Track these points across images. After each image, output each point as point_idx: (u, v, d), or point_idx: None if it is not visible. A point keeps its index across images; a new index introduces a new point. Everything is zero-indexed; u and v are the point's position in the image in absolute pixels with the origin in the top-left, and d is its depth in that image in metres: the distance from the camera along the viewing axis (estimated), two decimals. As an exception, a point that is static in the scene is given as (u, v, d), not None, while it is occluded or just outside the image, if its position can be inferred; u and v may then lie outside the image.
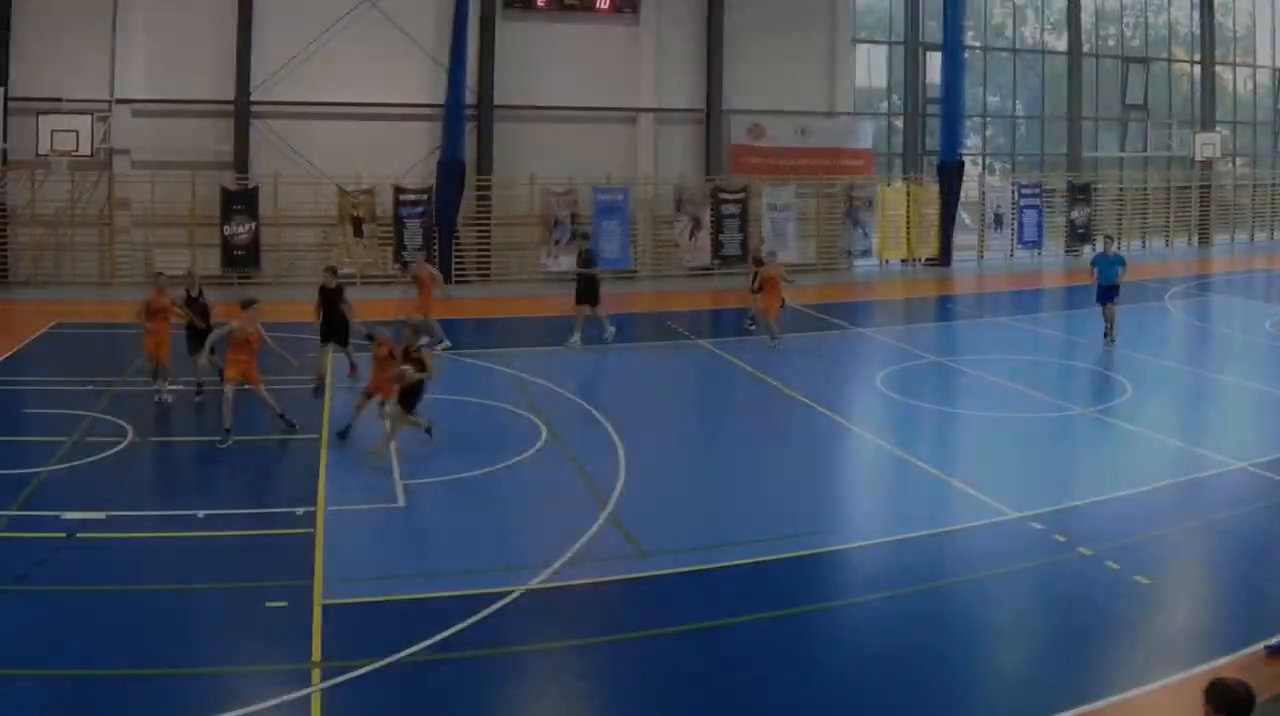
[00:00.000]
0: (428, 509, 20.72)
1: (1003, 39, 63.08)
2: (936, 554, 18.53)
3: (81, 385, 27.97)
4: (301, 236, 47.86)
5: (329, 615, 15.71)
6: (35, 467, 22.10)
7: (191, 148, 47.03)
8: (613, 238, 49.88)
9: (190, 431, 25.46)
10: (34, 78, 45.32)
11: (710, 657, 14.82)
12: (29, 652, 14.50)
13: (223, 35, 47.16)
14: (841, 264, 55.49)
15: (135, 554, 18.27)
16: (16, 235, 46.59)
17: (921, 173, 58.85)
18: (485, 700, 13.84)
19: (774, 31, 54.01)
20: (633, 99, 52.38)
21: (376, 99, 48.84)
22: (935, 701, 13.73)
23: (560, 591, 16.85)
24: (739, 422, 27.60)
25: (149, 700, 13.62)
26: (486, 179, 50.05)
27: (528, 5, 50.72)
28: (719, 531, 19.50)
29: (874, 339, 37.99)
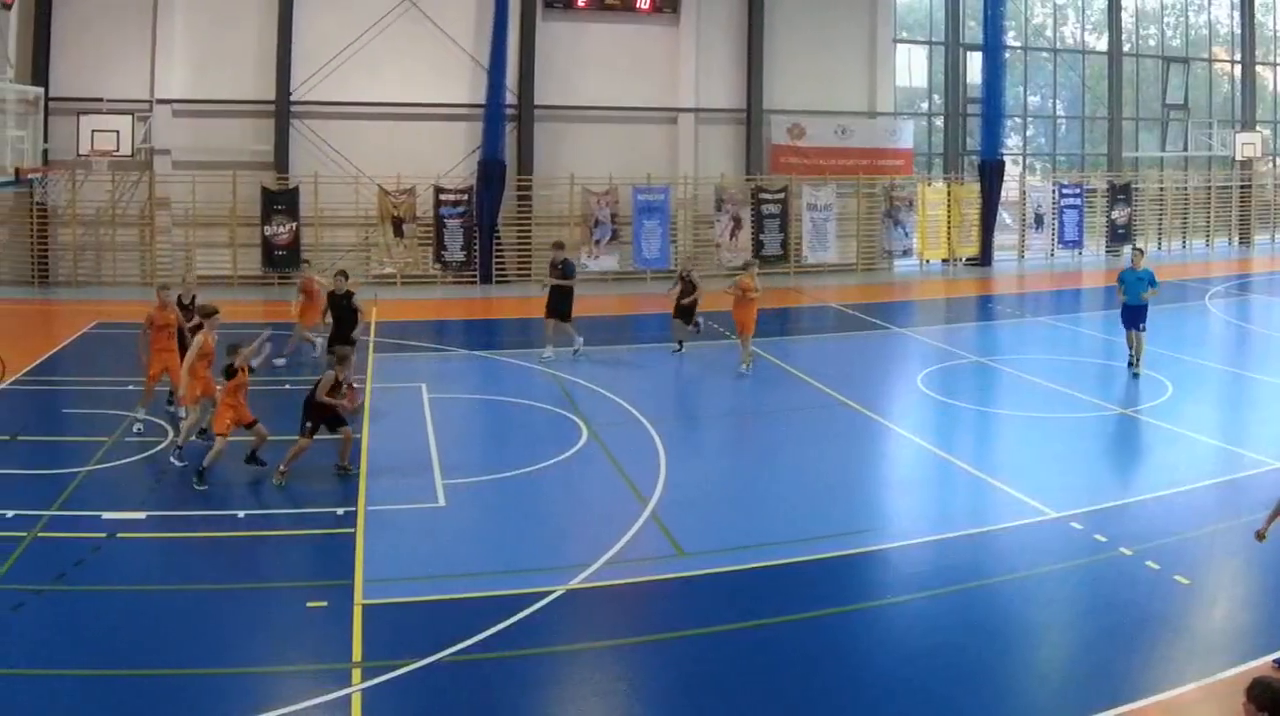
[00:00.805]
0: (468, 509, 20.67)
1: (1043, 39, 63.00)
2: (976, 554, 18.55)
3: (122, 385, 27.99)
4: (342, 236, 47.96)
5: (369, 615, 15.73)
6: (75, 468, 22.15)
7: (232, 148, 47.20)
8: (653, 237, 49.94)
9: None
10: (74, 78, 45.49)
11: (751, 657, 14.77)
12: (67, 652, 14.55)
13: (263, 35, 47.32)
14: (882, 264, 55.42)
15: (175, 554, 18.38)
16: (57, 235, 46.86)
17: (962, 172, 58.74)
18: (526, 700, 13.86)
19: (814, 31, 53.99)
20: (673, 99, 52.32)
21: (417, 99, 48.93)
22: (975, 701, 13.69)
23: (601, 591, 16.85)
24: (780, 422, 27.49)
25: (189, 700, 13.63)
26: (527, 179, 50.06)
27: (568, 5, 50.73)
28: (760, 531, 19.47)
29: (914, 339, 37.89)
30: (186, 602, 16.16)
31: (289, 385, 27.75)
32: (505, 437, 25.62)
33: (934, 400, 29.01)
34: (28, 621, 15.41)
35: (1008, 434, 26.68)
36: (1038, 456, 24.00)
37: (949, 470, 23.17)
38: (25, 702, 13.41)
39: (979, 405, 28.91)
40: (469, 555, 18.62)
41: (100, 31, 46.20)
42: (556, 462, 23.29)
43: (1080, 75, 63.46)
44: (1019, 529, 19.44)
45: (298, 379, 28.46)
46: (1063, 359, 32.34)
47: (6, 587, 16.35)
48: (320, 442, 22.22)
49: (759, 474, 23.38)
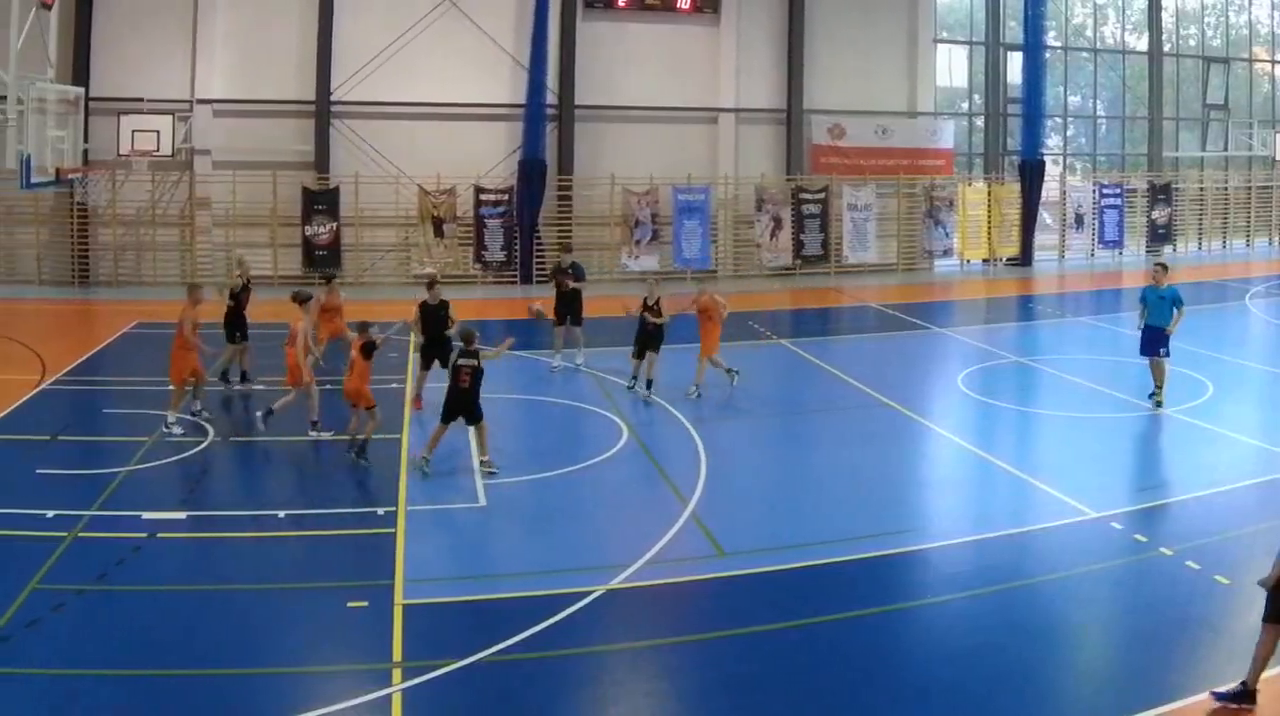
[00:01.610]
0: (509, 509, 20.68)
1: (1083, 39, 62.82)
2: (1017, 554, 18.55)
3: (162, 386, 27.99)
4: (382, 236, 48.04)
5: (410, 615, 15.75)
6: (116, 468, 22.21)
7: (272, 148, 47.32)
8: (693, 238, 49.92)
9: (270, 431, 25.57)
10: (115, 78, 45.64)
11: (791, 657, 14.79)
12: (108, 652, 14.59)
13: (303, 35, 47.43)
14: (922, 264, 55.33)
15: (215, 554, 18.41)
16: (98, 235, 47.01)
17: (1002, 172, 58.62)
18: (566, 700, 13.86)
19: (855, 31, 53.94)
20: (713, 99, 52.24)
21: (457, 99, 48.96)
22: (1015, 701, 13.67)
23: (641, 591, 16.88)
24: (820, 422, 27.54)
25: (229, 700, 13.67)
26: (567, 179, 50.07)
27: (608, 5, 50.69)
28: (800, 531, 19.50)
29: (955, 339, 37.91)
30: (227, 602, 16.19)
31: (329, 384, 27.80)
32: (545, 438, 25.63)
33: (974, 400, 29.02)
34: (68, 621, 15.43)
35: (1048, 434, 26.62)
36: (1078, 456, 23.94)
37: (989, 470, 23.17)
38: (66, 702, 13.44)
39: (1019, 405, 28.91)
40: (509, 555, 18.66)
41: (141, 31, 46.36)
42: (597, 463, 23.33)
43: (1120, 75, 63.30)
44: (1059, 529, 19.42)
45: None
46: (1103, 359, 32.23)
47: (47, 587, 16.41)
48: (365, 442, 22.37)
49: (799, 474, 23.44)
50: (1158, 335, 27.48)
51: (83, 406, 27.97)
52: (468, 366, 21.99)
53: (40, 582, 16.57)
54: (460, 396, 21.98)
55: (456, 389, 22.01)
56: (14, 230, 46.68)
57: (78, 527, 18.88)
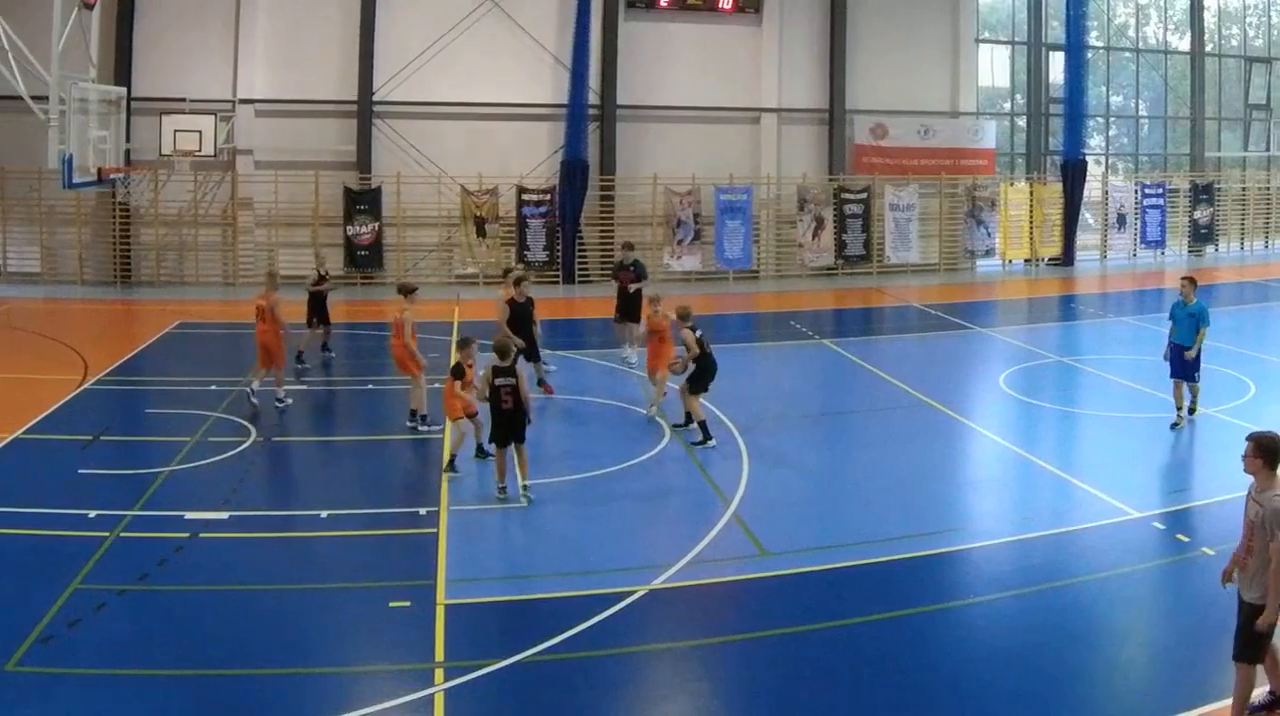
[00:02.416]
0: (551, 509, 20.60)
1: (1125, 39, 62.61)
2: (1058, 553, 18.45)
3: (204, 385, 28.13)
4: (424, 236, 48.11)
5: (452, 615, 15.74)
6: (158, 467, 22.25)
7: (314, 148, 47.52)
8: (735, 238, 49.84)
9: (312, 431, 25.62)
10: (157, 78, 45.87)
11: (834, 658, 14.79)
12: (150, 652, 14.63)
13: (345, 35, 47.57)
14: (964, 264, 55.24)
15: (257, 554, 18.39)
16: (140, 235, 47.25)
17: (1044, 172, 58.43)
18: (608, 701, 13.86)
19: (897, 31, 53.83)
20: (755, 99, 52.19)
21: (499, 99, 49.04)
22: (1058, 700, 13.62)
23: (683, 592, 16.85)
24: (862, 422, 27.44)
25: (271, 700, 13.69)
26: (609, 179, 50.12)
27: (650, 5, 50.67)
28: (842, 531, 19.45)
29: (997, 339, 37.77)
30: (269, 602, 16.20)
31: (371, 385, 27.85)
32: (588, 437, 25.57)
33: (1016, 400, 28.94)
34: (110, 621, 15.47)
35: (1090, 434, 26.46)
36: (1119, 456, 23.82)
37: (1031, 470, 23.06)
38: (107, 703, 13.46)
39: (1061, 405, 28.71)
40: (551, 555, 18.60)
41: (182, 31, 46.56)
42: (639, 462, 23.30)
43: (1162, 75, 63.10)
44: (1101, 529, 19.35)
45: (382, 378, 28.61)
46: (1145, 359, 31.95)
47: (89, 587, 16.43)
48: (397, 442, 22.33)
49: (841, 474, 23.38)
50: (1184, 355, 25.72)
51: (125, 406, 28.02)
52: (506, 386, 20.56)
53: (82, 583, 16.59)
54: (505, 419, 20.64)
55: (499, 412, 20.65)
56: (56, 230, 46.84)
57: (120, 527, 18.92)
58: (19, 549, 18.14)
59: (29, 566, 17.39)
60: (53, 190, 42.53)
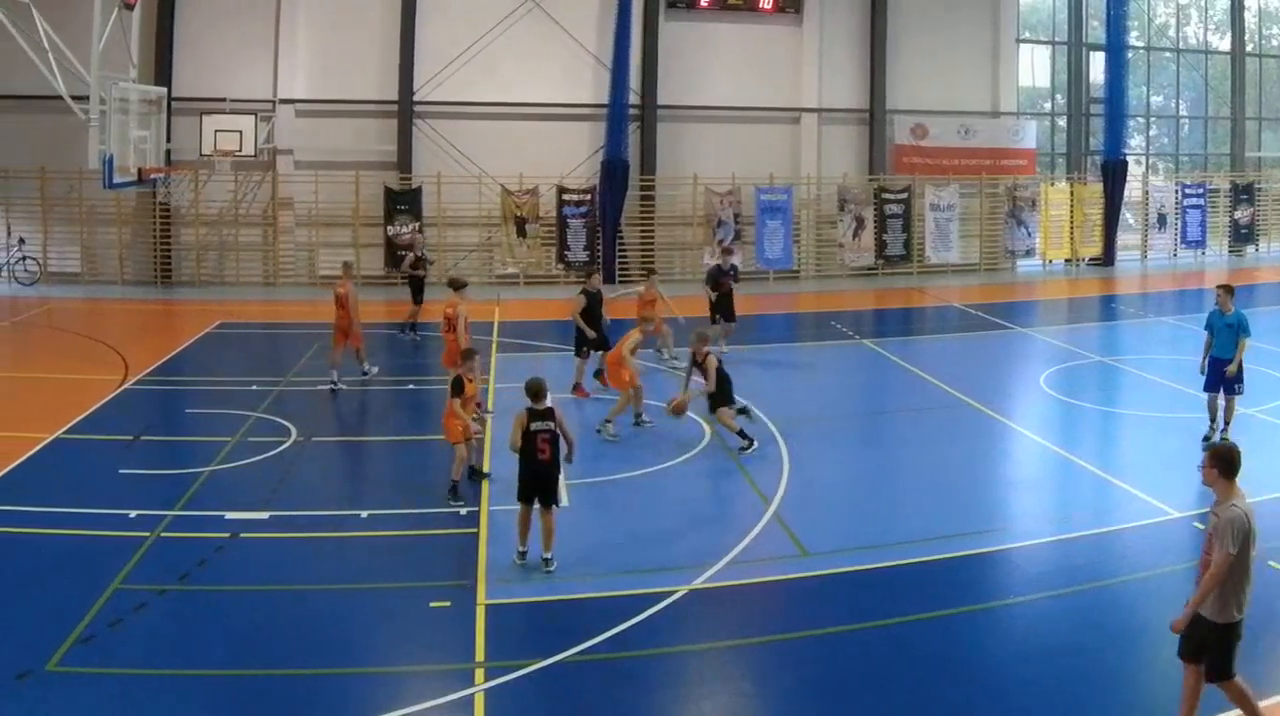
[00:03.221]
0: (592, 509, 20.68)
1: (1166, 39, 62.38)
2: (1099, 553, 18.42)
3: (245, 385, 28.19)
4: (465, 237, 48.17)
5: (492, 615, 15.77)
6: (198, 467, 22.32)
7: (355, 148, 47.68)
8: (776, 238, 49.83)
9: (353, 431, 25.67)
10: (197, 78, 46.02)
11: (874, 657, 14.77)
12: (190, 652, 14.67)
13: (385, 35, 47.65)
14: (1004, 264, 55.12)
15: (298, 554, 18.42)
16: (180, 235, 47.39)
17: (1085, 172, 58.25)
18: (649, 701, 13.88)
19: (937, 31, 53.76)
20: (796, 99, 52.17)
21: (539, 99, 49.13)
22: (1099, 700, 13.62)
23: (724, 591, 16.83)
24: (902, 422, 27.43)
25: (312, 700, 13.75)
26: (650, 179, 50.13)
27: (691, 5, 50.68)
28: (883, 531, 19.43)
29: (1037, 339, 37.67)
30: (309, 602, 16.23)
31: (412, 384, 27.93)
32: (628, 438, 25.50)
33: (1057, 400, 28.83)
34: (151, 621, 15.52)
35: (1130, 433, 26.40)
36: (1160, 456, 23.74)
37: (1071, 470, 22.99)
38: (148, 702, 13.50)
39: (1102, 405, 28.65)
40: (592, 555, 18.52)
41: (223, 31, 46.72)
42: (679, 463, 23.31)
43: (1203, 75, 62.85)
44: (1141, 529, 19.31)
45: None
46: (1186, 358, 31.73)
47: (130, 588, 16.49)
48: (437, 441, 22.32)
49: (882, 474, 23.31)
50: (1224, 369, 23.96)
51: (165, 406, 28.14)
52: (545, 432, 17.60)
53: (123, 583, 16.65)
54: (540, 471, 17.57)
55: (535, 461, 17.54)
56: (97, 230, 47.03)
57: (160, 527, 18.98)
58: (60, 549, 18.18)
59: (70, 566, 17.43)
60: (93, 190, 42.83)
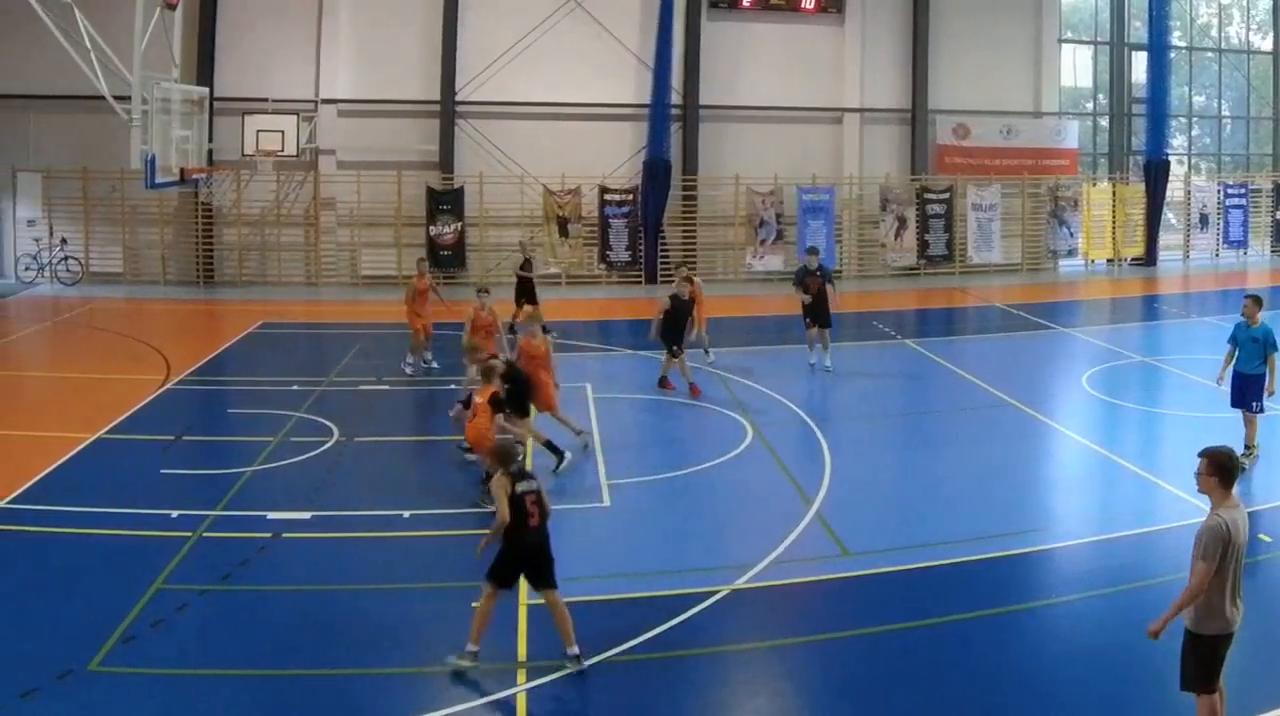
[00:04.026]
0: (633, 509, 20.70)
1: (1208, 39, 62.20)
2: (1141, 554, 18.39)
3: (286, 385, 28.26)
4: (507, 236, 47.64)
5: (534, 615, 15.70)
6: (240, 467, 22.36)
7: (397, 147, 47.73)
8: (818, 238, 49.36)
9: (395, 431, 25.69)
10: (239, 78, 46.22)
11: (916, 657, 14.75)
12: (232, 652, 14.70)
13: (427, 35, 47.75)
14: (1046, 264, 55.03)
15: (340, 554, 18.47)
16: (222, 235, 47.62)
17: (1127, 172, 58.21)
18: (690, 700, 13.85)
19: (979, 31, 53.64)
20: (838, 99, 52.14)
21: (581, 99, 49.17)
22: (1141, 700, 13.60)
23: (766, 591, 16.82)
24: (944, 422, 27.43)
25: (354, 700, 13.79)
26: (691, 179, 50.17)
27: (733, 5, 50.69)
28: (924, 531, 19.40)
29: (1079, 339, 37.51)
30: (351, 602, 16.24)
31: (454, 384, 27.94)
32: (670, 438, 25.66)
33: (1099, 400, 28.78)
34: (193, 621, 15.57)
35: (1173, 434, 26.17)
36: (1204, 456, 23.51)
37: (1114, 470, 22.95)
38: (189, 702, 13.55)
39: (1144, 405, 28.59)
40: (634, 555, 18.63)
41: (265, 32, 46.93)
42: (721, 462, 23.24)
43: (1245, 75, 62.58)
44: (1184, 529, 18.86)
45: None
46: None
47: (172, 588, 16.53)
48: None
49: (924, 474, 23.26)
50: (1248, 383, 22.91)
51: (207, 406, 28.26)
52: (530, 493, 14.74)
53: (165, 583, 16.69)
54: (529, 541, 14.60)
55: (525, 530, 14.55)
56: (139, 230, 47.33)
57: (202, 527, 19.04)
58: (102, 548, 18.25)
59: (112, 566, 17.49)
60: (135, 190, 42.96)
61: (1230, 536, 11.55)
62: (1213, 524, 11.65)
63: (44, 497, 20.54)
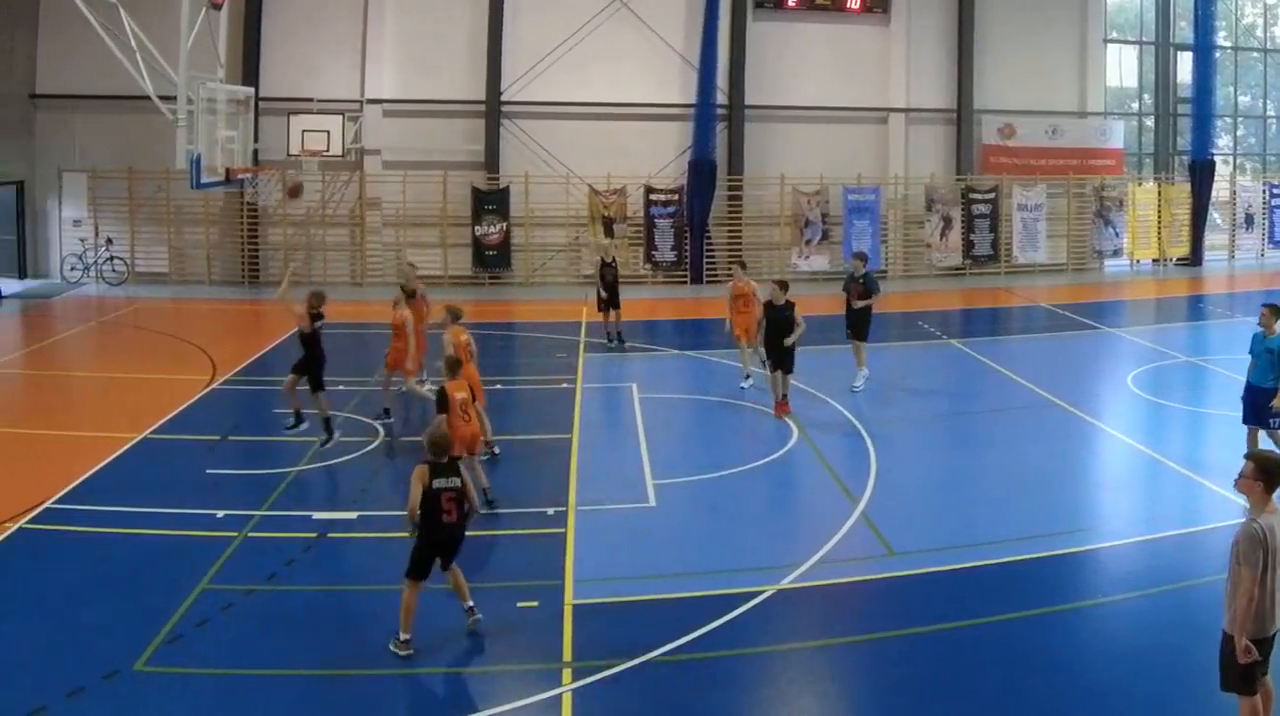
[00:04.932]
0: (679, 509, 20.65)
1: (1253, 39, 61.89)
2: (1188, 553, 18.33)
3: (332, 385, 28.16)
4: (552, 236, 48.23)
5: (580, 615, 15.78)
6: (286, 468, 22.48)
7: (442, 148, 47.79)
8: (863, 238, 49.47)
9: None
10: (284, 78, 46.37)
11: (962, 657, 14.76)
12: (277, 652, 14.76)
13: (473, 36, 47.82)
14: (1092, 264, 54.83)
15: (385, 554, 18.27)
16: (267, 235, 47.80)
17: (1172, 172, 58.00)
18: (736, 700, 13.84)
19: (1025, 31, 53.50)
20: (883, 99, 52.07)
21: (627, 99, 49.17)
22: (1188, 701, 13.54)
23: (811, 591, 16.83)
24: (990, 422, 27.33)
25: (400, 700, 13.89)
26: (737, 179, 50.12)
27: (778, 5, 50.65)
28: (970, 531, 19.39)
29: (1125, 339, 37.49)
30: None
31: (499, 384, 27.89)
32: (715, 438, 25.63)
33: (1144, 400, 28.71)
34: (238, 621, 15.63)
35: (1218, 434, 25.76)
36: (1249, 456, 23.40)
37: (1160, 470, 22.94)
38: (234, 702, 13.62)
39: (1190, 405, 28.46)
40: (679, 555, 18.59)
41: (310, 32, 47.10)
42: (767, 463, 23.24)
43: (1291, 75, 62.15)
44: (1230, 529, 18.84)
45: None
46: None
47: (217, 587, 16.60)
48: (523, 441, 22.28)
49: (970, 474, 23.30)
50: (1260, 398, 21.71)
51: (252, 406, 28.24)
52: (450, 489, 15.11)
53: (210, 583, 16.77)
54: (440, 537, 15.15)
55: (437, 526, 15.07)
56: (184, 230, 47.52)
57: (248, 528, 19.11)
58: (148, 549, 18.33)
59: (157, 566, 17.57)
60: (181, 190, 43.12)
61: (1268, 542, 11.44)
62: (1250, 530, 11.54)
63: (90, 497, 20.61)
